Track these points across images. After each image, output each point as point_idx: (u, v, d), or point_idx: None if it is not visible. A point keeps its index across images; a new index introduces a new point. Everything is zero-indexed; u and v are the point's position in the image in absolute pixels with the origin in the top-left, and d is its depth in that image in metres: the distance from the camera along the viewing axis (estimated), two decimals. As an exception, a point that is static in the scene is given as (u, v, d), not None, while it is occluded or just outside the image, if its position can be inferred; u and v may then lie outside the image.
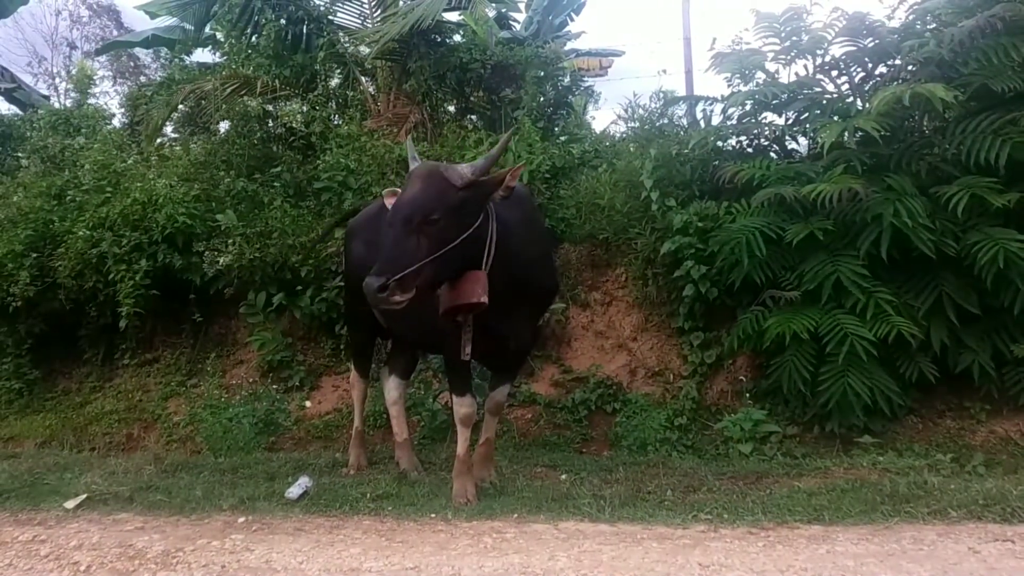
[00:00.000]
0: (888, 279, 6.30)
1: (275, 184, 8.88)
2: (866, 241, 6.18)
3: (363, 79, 11.39)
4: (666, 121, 8.86)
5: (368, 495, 5.34)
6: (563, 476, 5.81)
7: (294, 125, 10.10)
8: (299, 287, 8.01)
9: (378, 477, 5.89)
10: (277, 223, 8.09)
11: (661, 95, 9.18)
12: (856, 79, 7.32)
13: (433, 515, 4.88)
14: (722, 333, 7.10)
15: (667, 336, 7.55)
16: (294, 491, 5.45)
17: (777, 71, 7.51)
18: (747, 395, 6.92)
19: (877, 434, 6.27)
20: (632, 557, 3.91)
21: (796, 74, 7.44)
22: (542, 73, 10.43)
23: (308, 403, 7.87)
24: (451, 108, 11.65)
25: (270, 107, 10.36)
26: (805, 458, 6.15)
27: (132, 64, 18.92)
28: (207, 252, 7.96)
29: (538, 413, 7.35)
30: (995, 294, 6.05)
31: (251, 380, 8.15)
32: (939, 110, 6.21)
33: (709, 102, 8.10)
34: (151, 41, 14.91)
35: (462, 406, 5.32)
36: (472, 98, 11.50)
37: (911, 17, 7.12)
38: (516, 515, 4.83)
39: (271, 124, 10.54)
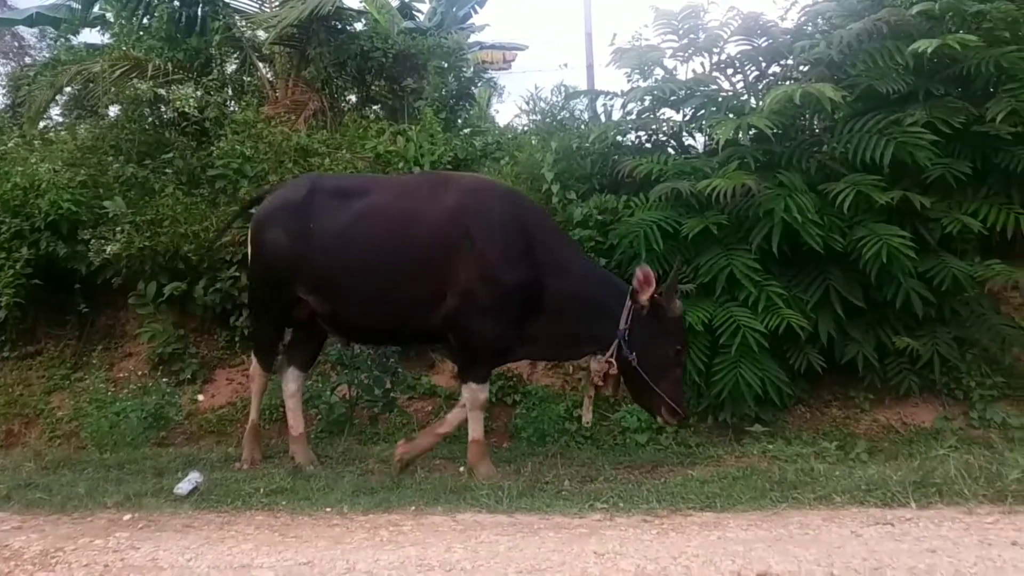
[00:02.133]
0: (779, 273, 6.48)
1: (167, 171, 8.59)
2: (758, 236, 6.34)
3: (260, 65, 11.15)
4: (567, 115, 8.94)
5: (262, 490, 5.21)
6: (462, 468, 5.79)
7: (187, 110, 9.78)
8: (192, 277, 7.76)
9: (272, 472, 5.76)
10: (169, 211, 7.82)
11: (563, 89, 9.26)
12: (750, 77, 7.51)
13: (328, 509, 4.80)
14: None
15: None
16: (184, 487, 5.28)
17: (675, 68, 7.65)
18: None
19: (767, 423, 6.45)
20: (529, 547, 3.92)
21: (693, 71, 7.59)
22: (445, 64, 10.39)
23: (201, 397, 7.65)
24: (352, 97, 11.50)
25: (162, 91, 10.00)
26: (699, 447, 6.30)
27: (16, 44, 18.08)
28: (94, 240, 7.63)
29: (438, 405, 7.31)
30: (878, 288, 6.30)
31: (140, 373, 7.86)
32: (828, 109, 6.41)
33: (609, 97, 8.18)
34: (36, 19, 14.24)
35: (483, 392, 5.60)
36: (373, 87, 11.38)
37: (803, 19, 7.34)
38: (413, 507, 4.79)
39: (163, 109, 10.17)
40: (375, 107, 11.61)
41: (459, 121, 10.46)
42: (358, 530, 4.37)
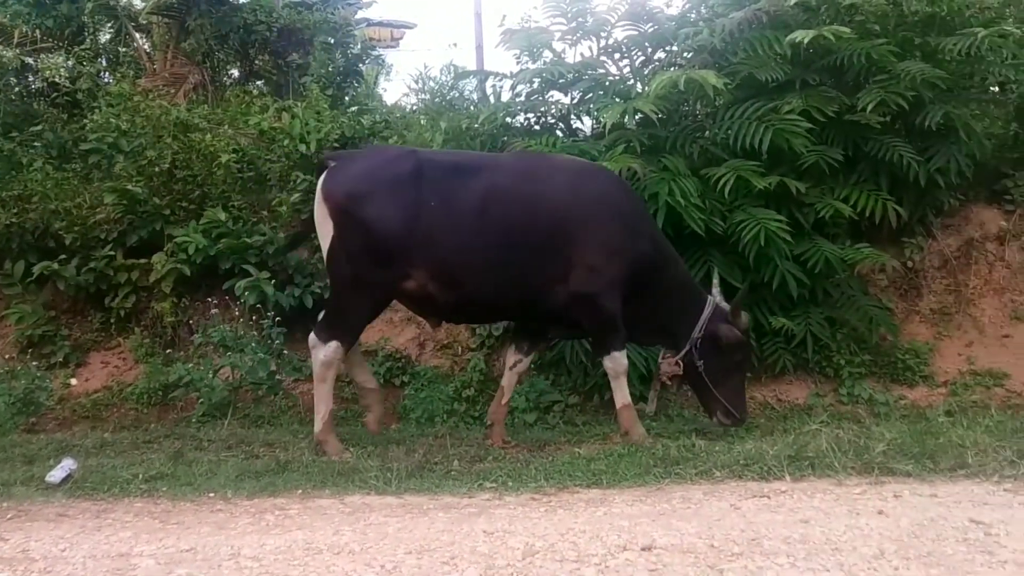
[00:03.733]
0: (663, 255, 6.63)
1: (35, 144, 8.17)
2: (644, 218, 6.47)
3: (137, 35, 10.70)
4: (457, 95, 8.92)
5: (140, 476, 5.03)
6: (350, 451, 5.74)
7: (58, 80, 9.31)
8: (63, 256, 7.40)
9: (151, 457, 5.57)
10: (38, 186, 7.45)
11: (452, 69, 9.22)
12: (637, 62, 7.64)
13: (212, 494, 4.68)
14: (509, 306, 7.22)
15: (456, 309, 7.60)
16: (56, 475, 5.04)
17: (564, 51, 7.72)
18: (533, 366, 7.09)
19: (651, 402, 6.60)
20: (418, 528, 3.92)
21: (582, 55, 7.66)
22: (332, 40, 10.21)
23: (74, 381, 7.33)
24: (235, 71, 11.18)
25: (30, 59, 9.49)
26: (585, 425, 6.41)
27: None
28: (-46, 216, 7.21)
29: (326, 387, 7.21)
30: (757, 270, 6.53)
31: (7, 356, 7.47)
32: (711, 96, 6.60)
33: (499, 78, 8.19)
34: None
35: (624, 358, 5.71)
36: (257, 62, 11.09)
37: (687, 6, 7.52)
38: (300, 491, 4.72)
39: (31, 78, 9.65)
40: (259, 82, 11.31)
41: (346, 98, 10.28)
42: (243, 515, 4.28)
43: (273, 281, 7.13)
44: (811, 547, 3.42)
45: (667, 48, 7.49)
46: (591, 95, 7.45)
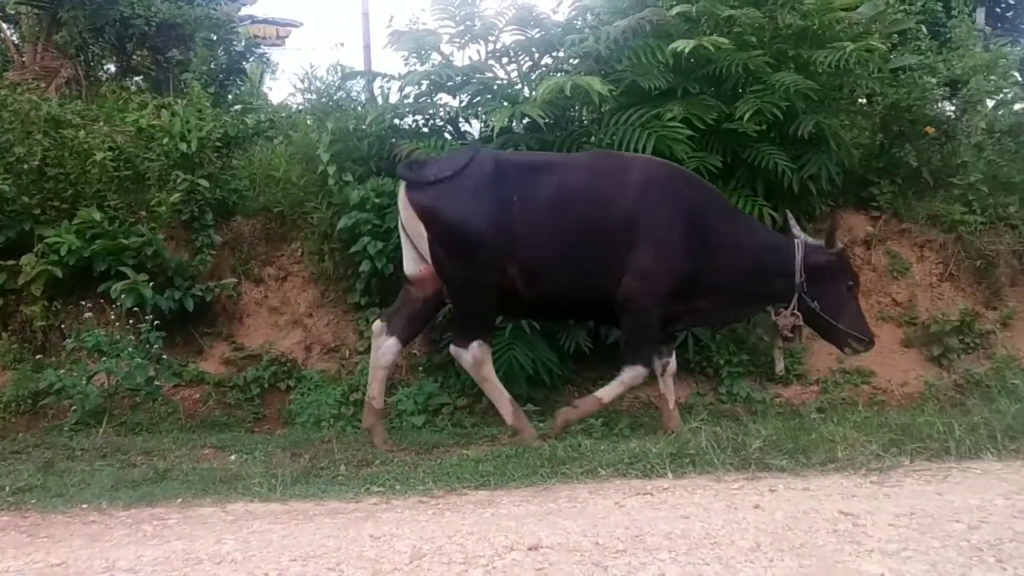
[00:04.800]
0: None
1: None
2: (532, 222, 6.54)
3: (4, 25, 10.16)
4: (344, 95, 8.80)
5: (7, 488, 4.78)
6: (232, 457, 5.61)
7: (-87, 71, 8.78)
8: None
9: (19, 468, 5.30)
10: None
11: (339, 69, 9.09)
12: (524, 67, 7.70)
13: (84, 505, 4.49)
14: (397, 309, 7.19)
15: (343, 312, 7.53)
16: (-85, 489, 4.76)
17: (452, 54, 7.71)
18: (421, 369, 7.08)
19: (539, 403, 6.69)
20: (303, 534, 3.86)
21: (470, 58, 7.69)
22: (214, 36, 9.95)
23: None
24: (111, 66, 10.76)
25: None
26: (474, 427, 6.44)
27: None
28: None
29: (207, 393, 7.04)
30: (641, 272, 6.66)
31: None
32: (596, 102, 6.71)
33: (387, 79, 8.14)
34: None
35: (645, 372, 5.85)
36: (135, 57, 10.72)
37: (573, 13, 7.63)
38: (180, 500, 4.58)
39: None
40: (137, 78, 10.92)
41: (229, 97, 10.04)
42: (118, 526, 4.12)
43: (152, 283, 6.89)
44: (691, 542, 3.52)
45: (554, 54, 7.58)
46: (479, 98, 7.48)
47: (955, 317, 7.34)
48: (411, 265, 5.86)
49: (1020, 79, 10.08)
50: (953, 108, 8.58)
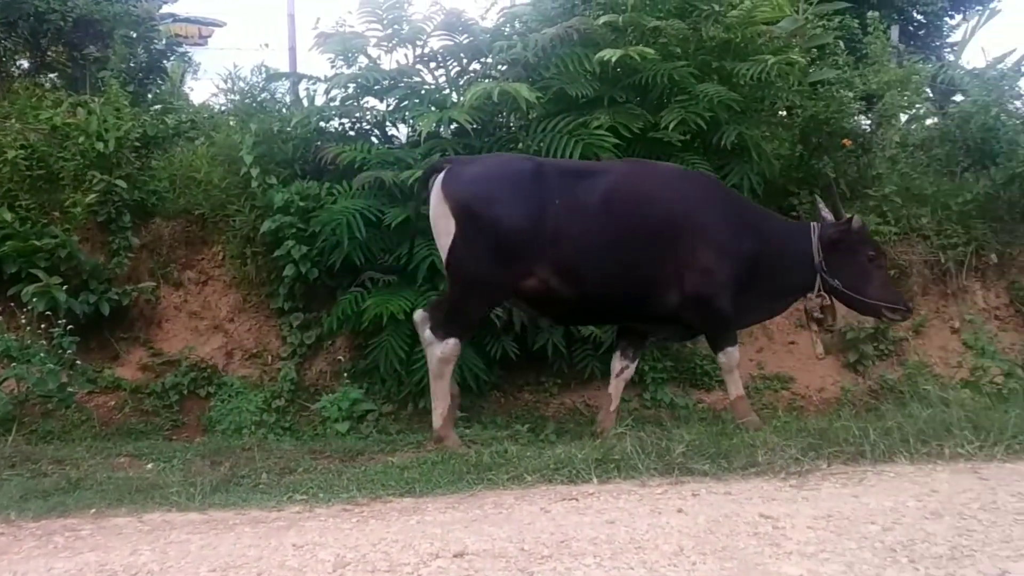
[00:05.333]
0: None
1: None
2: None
3: (-93, 17, 9.73)
4: (268, 97, 8.65)
5: (-91, 501, 4.58)
6: (149, 465, 5.45)
7: None
8: None
9: (-79, 479, 5.08)
10: None
11: (263, 70, 8.93)
12: (452, 72, 7.69)
13: (-9, 517, 4.32)
14: (322, 314, 7.11)
15: (266, 317, 7.40)
16: None
17: (379, 57, 7.65)
18: (346, 375, 7.00)
19: (465, 409, 6.65)
20: (223, 544, 3.77)
21: (397, 62, 7.63)
22: (133, 34, 9.69)
23: None
24: (24, 63, 10.39)
25: None
26: (399, 434, 6.38)
27: None
28: None
29: (123, 400, 6.85)
30: (567, 279, 6.70)
31: None
32: (524, 109, 6.75)
33: (313, 82, 8.03)
34: None
35: (736, 351, 6.06)
36: (50, 53, 10.34)
37: (501, 19, 7.65)
38: (94, 510, 4.42)
39: None
40: (52, 75, 10.55)
41: (149, 96, 9.79)
42: (28, 538, 3.97)
43: (66, 287, 6.67)
44: (616, 547, 3.54)
45: (482, 59, 7.59)
46: (407, 103, 7.44)
47: (870, 325, 7.55)
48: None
49: (931, 95, 10.45)
50: (869, 122, 8.84)
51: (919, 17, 14.89)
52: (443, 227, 5.64)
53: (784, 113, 8.49)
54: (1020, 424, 5.23)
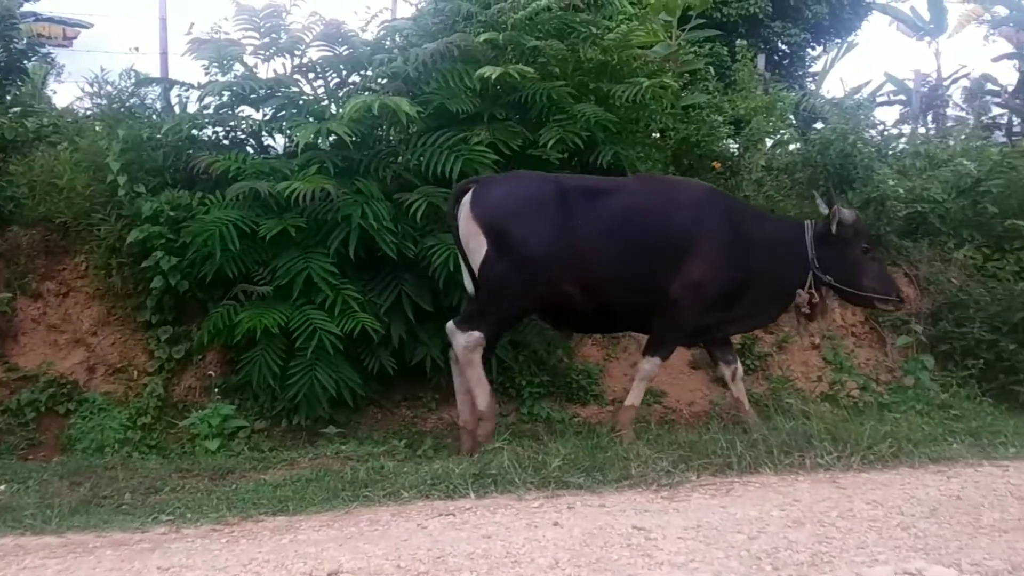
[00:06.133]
0: (355, 277, 6.65)
1: None
2: (336, 240, 6.46)
3: None
4: (138, 102, 8.33)
5: None
6: (2, 487, 5.15)
7: None
8: None
9: None
10: None
11: (133, 74, 8.60)
12: (331, 84, 7.61)
13: None
14: (192, 327, 6.89)
15: (132, 331, 7.11)
16: None
17: (256, 66, 7.50)
18: (216, 391, 6.79)
19: (341, 425, 6.58)
20: (82, 569, 3.59)
21: (275, 71, 7.50)
22: (-9, 31, 9.14)
23: None
24: None
25: None
26: (272, 451, 6.22)
27: None
28: None
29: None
30: (446, 294, 6.72)
31: None
32: (404, 123, 6.74)
33: (185, 88, 7.79)
34: None
35: (659, 367, 6.27)
36: None
37: (382, 32, 7.62)
38: (-62, 536, 4.16)
39: None
40: None
41: (8, 98, 9.29)
42: None
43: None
44: (492, 561, 3.55)
45: (362, 72, 7.52)
46: (284, 113, 7.32)
47: (736, 340, 7.83)
48: (471, 283, 5.98)
49: (795, 121, 10.98)
50: (737, 145, 9.21)
51: (784, 47, 15.67)
52: (475, 245, 5.78)
53: (658, 135, 8.75)
54: (875, 435, 5.52)
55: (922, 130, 14.42)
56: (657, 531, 3.92)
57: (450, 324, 5.86)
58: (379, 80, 7.36)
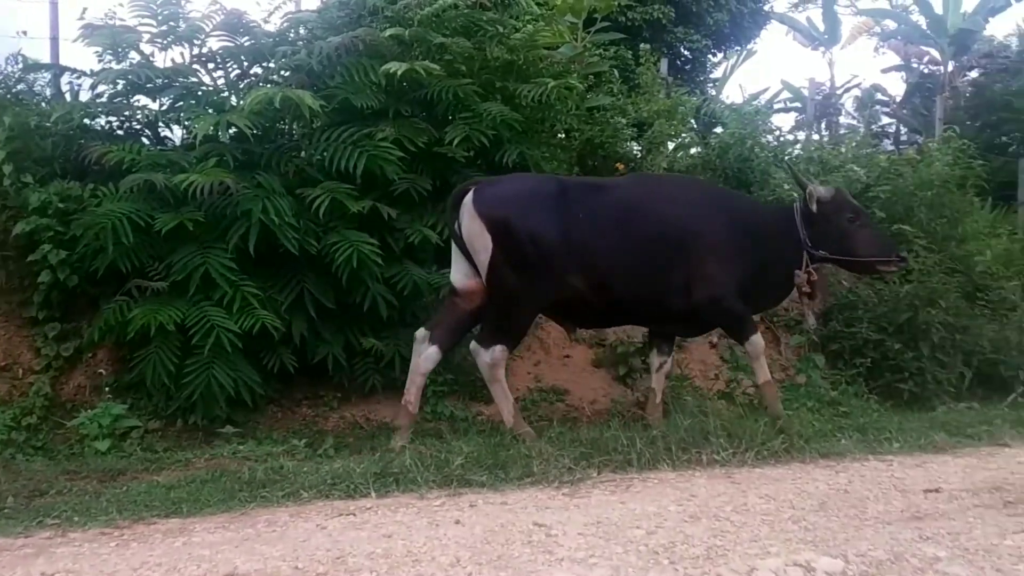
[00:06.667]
0: (255, 273, 6.48)
1: None
2: (235, 235, 6.30)
3: None
4: (25, 89, 7.99)
5: None
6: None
7: None
8: None
9: None
10: None
11: (20, 59, 8.23)
12: (232, 75, 7.42)
13: None
14: (82, 324, 6.63)
15: (17, 327, 6.80)
16: None
17: (153, 54, 7.24)
18: (107, 390, 6.55)
19: (239, 424, 6.42)
20: (-41, 576, 3.43)
21: (173, 60, 7.26)
22: None
23: None
24: None
25: None
26: (166, 452, 6.03)
27: None
28: None
29: None
30: (349, 291, 6.63)
31: None
32: (307, 117, 6.62)
33: (77, 75, 7.50)
34: None
35: (760, 339, 6.45)
36: None
37: (285, 24, 7.48)
38: None
39: None
40: None
41: None
42: None
43: None
44: (393, 560, 3.53)
45: (264, 64, 7.36)
46: (182, 103, 7.10)
47: (639, 340, 7.97)
48: (460, 278, 6.10)
49: (696, 125, 11.24)
50: (640, 148, 9.37)
51: (686, 53, 16.06)
52: (480, 244, 5.83)
53: (563, 135, 8.84)
54: (768, 432, 5.73)
55: (816, 137, 14.98)
56: (558, 527, 3.97)
57: (473, 344, 6.08)
58: (282, 73, 7.23)
